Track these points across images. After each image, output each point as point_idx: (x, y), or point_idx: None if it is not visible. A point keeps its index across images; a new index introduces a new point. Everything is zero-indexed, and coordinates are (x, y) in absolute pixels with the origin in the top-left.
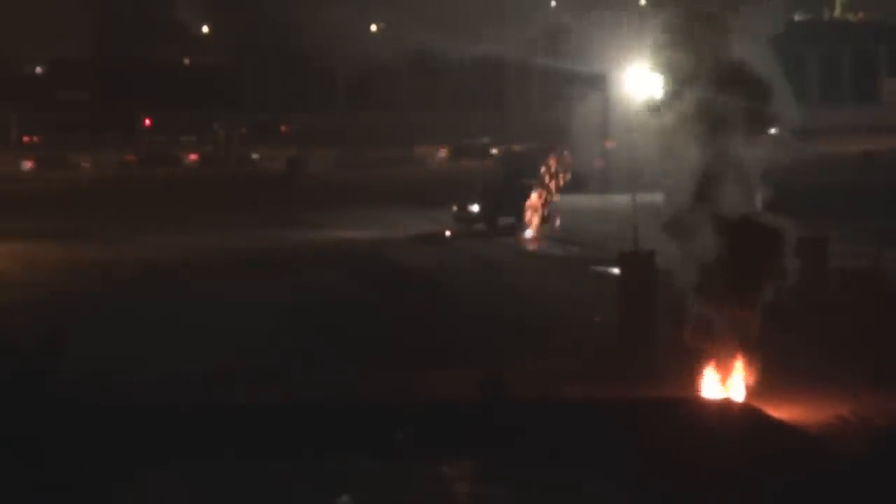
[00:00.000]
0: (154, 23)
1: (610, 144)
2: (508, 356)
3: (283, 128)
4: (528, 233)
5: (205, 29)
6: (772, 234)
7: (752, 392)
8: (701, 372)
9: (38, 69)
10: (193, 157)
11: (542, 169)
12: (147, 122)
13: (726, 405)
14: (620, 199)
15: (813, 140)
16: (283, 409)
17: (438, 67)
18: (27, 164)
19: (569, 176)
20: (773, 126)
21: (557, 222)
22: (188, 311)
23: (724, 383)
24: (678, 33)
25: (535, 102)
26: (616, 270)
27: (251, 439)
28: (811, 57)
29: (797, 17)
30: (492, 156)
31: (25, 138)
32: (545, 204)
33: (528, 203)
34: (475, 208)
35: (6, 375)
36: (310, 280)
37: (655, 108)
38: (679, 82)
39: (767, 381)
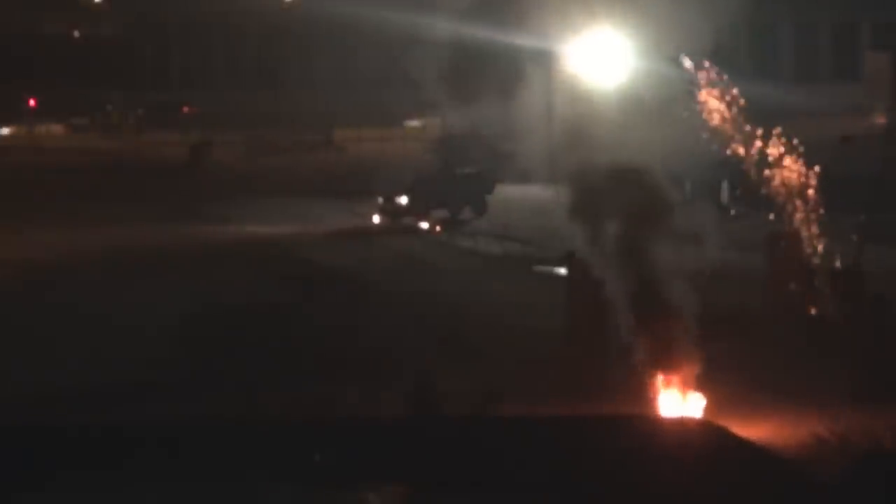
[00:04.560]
0: None
1: None
2: (441, 368)
3: (184, 108)
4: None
5: None
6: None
7: (715, 408)
8: (657, 386)
9: None
10: None
11: None
12: (32, 102)
13: (685, 423)
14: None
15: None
16: (186, 429)
17: (361, 41)
18: None
19: None
20: None
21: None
22: (79, 318)
23: (684, 398)
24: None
25: (473, 80)
26: (562, 271)
27: (149, 461)
28: (784, 28)
29: None
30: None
31: None
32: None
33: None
34: (404, 200)
35: None
36: (216, 282)
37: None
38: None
39: (734, 396)
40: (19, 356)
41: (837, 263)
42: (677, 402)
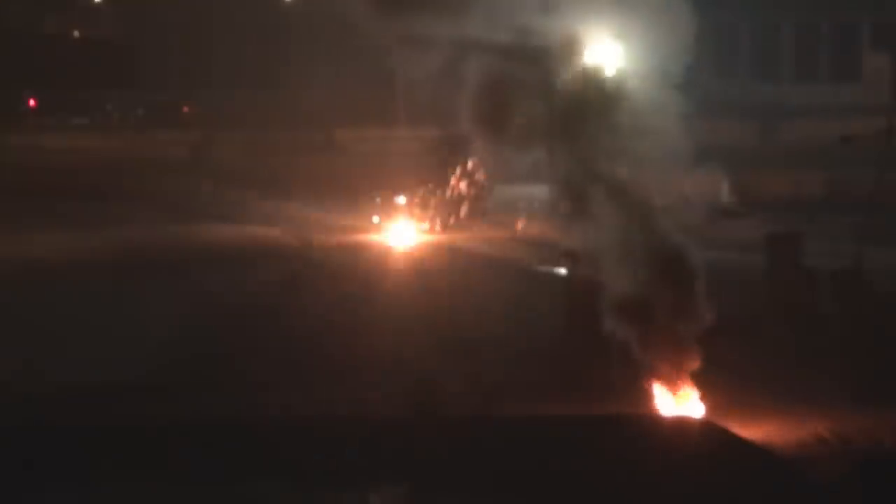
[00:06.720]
0: None
1: None
2: (442, 368)
3: (184, 108)
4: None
5: None
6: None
7: (716, 408)
8: (657, 385)
9: None
10: None
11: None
12: (31, 102)
13: (686, 423)
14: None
15: None
16: (187, 430)
17: (362, 41)
18: None
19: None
20: None
21: (520, 225)
22: (78, 318)
23: (684, 399)
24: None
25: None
26: (561, 271)
27: (151, 462)
28: (784, 28)
29: None
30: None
31: None
32: (479, 197)
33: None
34: (402, 200)
35: None
36: (216, 282)
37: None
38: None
39: (735, 396)
40: (21, 356)
41: (838, 264)
42: (677, 401)
